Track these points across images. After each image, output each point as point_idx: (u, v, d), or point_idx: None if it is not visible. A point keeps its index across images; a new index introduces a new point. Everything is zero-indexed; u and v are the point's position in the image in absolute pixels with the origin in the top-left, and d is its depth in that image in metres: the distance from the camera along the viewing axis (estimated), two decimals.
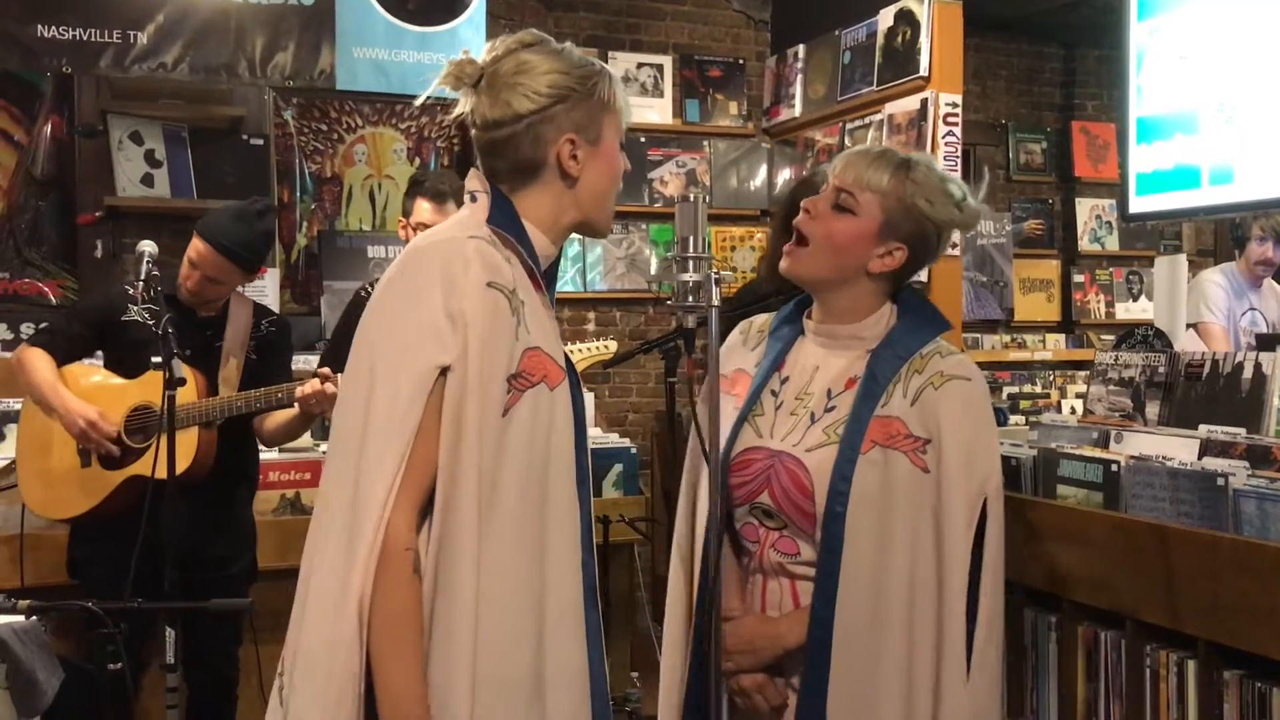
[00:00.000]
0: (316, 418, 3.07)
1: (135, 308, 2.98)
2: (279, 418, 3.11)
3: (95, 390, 3.02)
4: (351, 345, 1.65)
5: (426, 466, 1.52)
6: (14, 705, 2.18)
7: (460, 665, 1.53)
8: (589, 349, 3.68)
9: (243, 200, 3.17)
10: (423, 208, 3.33)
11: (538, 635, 1.60)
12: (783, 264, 1.95)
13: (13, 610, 2.17)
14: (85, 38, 4.15)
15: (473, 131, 1.70)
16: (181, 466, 2.76)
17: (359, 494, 1.52)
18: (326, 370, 2.90)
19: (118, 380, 3.06)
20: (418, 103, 1.95)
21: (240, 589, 3.11)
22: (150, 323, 2.95)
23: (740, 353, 2.04)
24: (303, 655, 1.55)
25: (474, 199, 1.68)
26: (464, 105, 1.70)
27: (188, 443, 2.91)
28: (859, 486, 1.80)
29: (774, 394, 1.95)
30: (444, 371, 1.52)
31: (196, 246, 2.98)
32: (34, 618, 2.21)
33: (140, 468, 2.93)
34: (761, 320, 2.09)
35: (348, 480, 1.54)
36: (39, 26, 4.08)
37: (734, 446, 1.93)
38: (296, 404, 2.94)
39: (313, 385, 2.90)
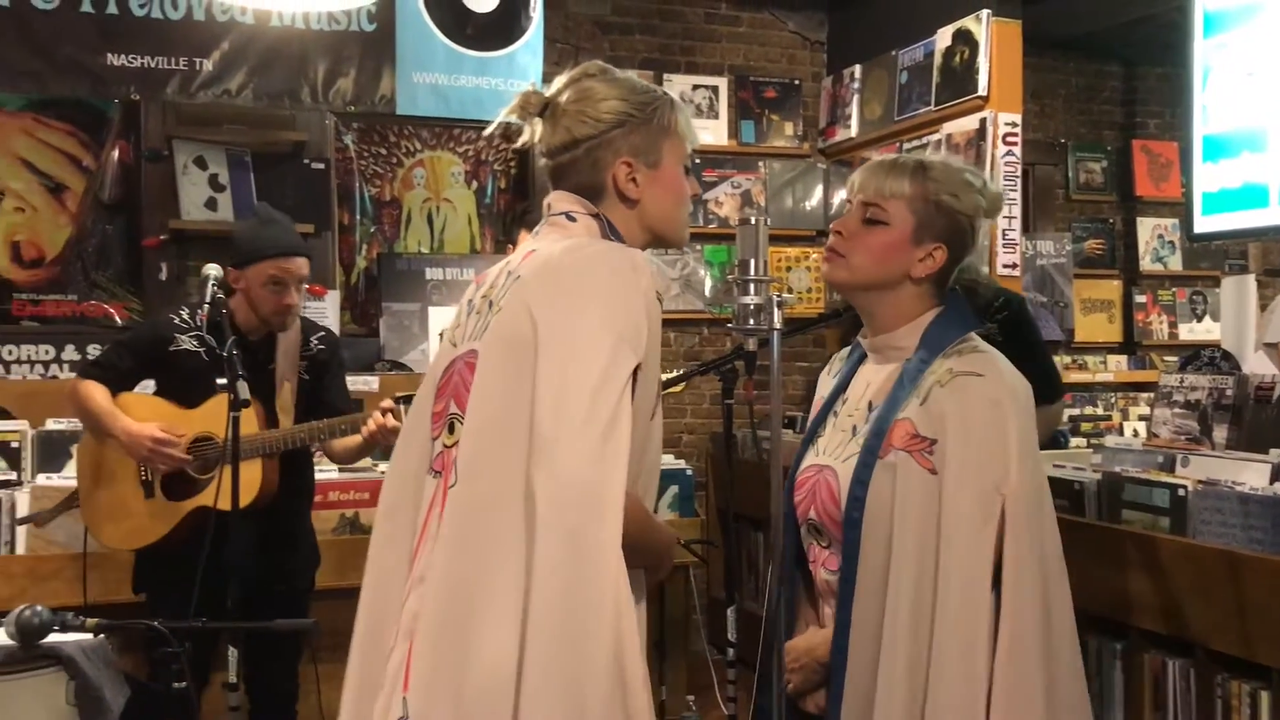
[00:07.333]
0: (379, 446, 3.02)
1: (184, 336, 2.98)
2: (346, 441, 3.07)
3: (153, 420, 2.97)
4: (506, 344, 1.59)
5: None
6: None
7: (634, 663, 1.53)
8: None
9: (256, 216, 3.14)
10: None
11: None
12: (823, 269, 1.97)
13: (80, 628, 2.19)
14: (153, 65, 4.26)
15: (541, 160, 1.76)
16: (247, 499, 2.77)
17: (585, 505, 1.48)
18: (390, 403, 2.87)
19: (175, 410, 3.02)
20: (487, 132, 2.03)
21: (305, 603, 3.13)
22: (200, 350, 2.96)
23: (825, 382, 2.09)
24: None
25: (572, 219, 1.71)
26: (531, 135, 1.76)
27: (251, 474, 2.89)
28: (875, 492, 1.79)
29: (835, 415, 1.99)
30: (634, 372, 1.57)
31: (282, 265, 2.94)
32: (101, 636, 2.24)
33: (205, 498, 2.91)
34: (847, 350, 2.12)
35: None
36: (109, 55, 4.20)
37: (798, 468, 1.98)
38: (363, 436, 2.93)
39: (376, 420, 2.88)
